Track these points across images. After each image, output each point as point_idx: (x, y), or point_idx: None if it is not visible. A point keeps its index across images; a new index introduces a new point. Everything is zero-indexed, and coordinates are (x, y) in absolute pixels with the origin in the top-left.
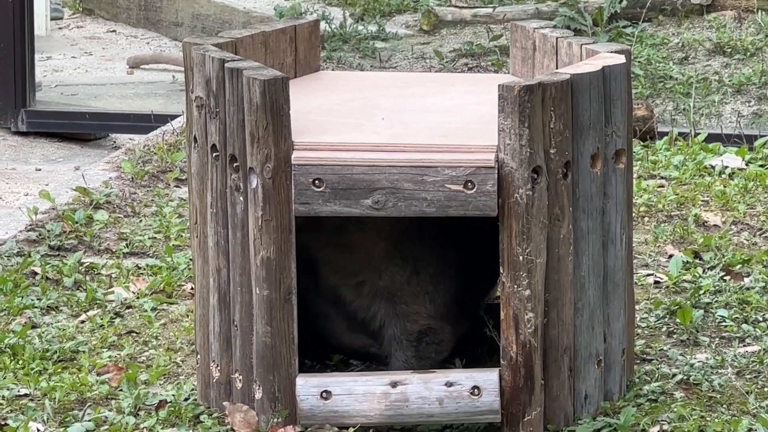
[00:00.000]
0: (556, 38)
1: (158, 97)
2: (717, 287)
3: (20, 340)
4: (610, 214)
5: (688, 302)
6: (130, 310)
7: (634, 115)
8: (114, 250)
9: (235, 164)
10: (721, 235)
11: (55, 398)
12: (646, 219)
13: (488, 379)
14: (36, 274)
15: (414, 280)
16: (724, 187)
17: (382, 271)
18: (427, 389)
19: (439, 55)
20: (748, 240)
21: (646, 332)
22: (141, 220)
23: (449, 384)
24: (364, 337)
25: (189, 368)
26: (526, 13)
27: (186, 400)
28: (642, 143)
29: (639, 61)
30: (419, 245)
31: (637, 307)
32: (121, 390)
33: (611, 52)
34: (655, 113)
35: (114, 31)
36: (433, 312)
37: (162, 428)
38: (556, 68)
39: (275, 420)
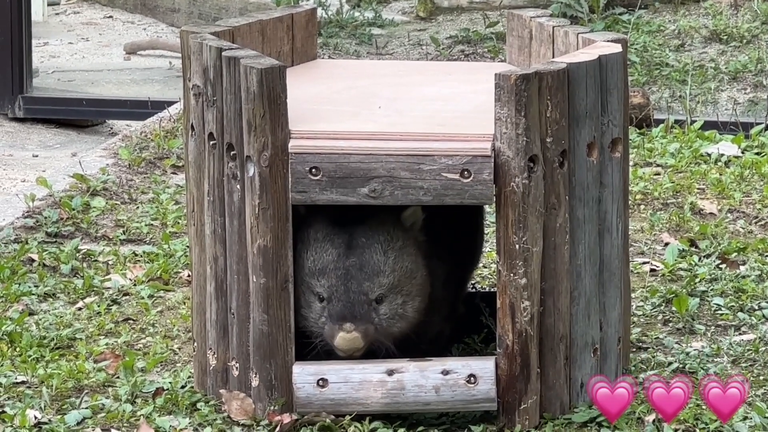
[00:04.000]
0: (553, 27)
1: (155, 83)
2: (713, 275)
3: (17, 327)
4: (606, 203)
5: (684, 290)
6: (127, 297)
7: (631, 102)
8: (111, 237)
9: (232, 153)
10: (717, 223)
11: (52, 385)
12: (642, 207)
13: (484, 367)
14: (33, 261)
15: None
16: (720, 174)
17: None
18: (424, 377)
19: (435, 41)
20: (743, 228)
21: (642, 320)
22: (138, 207)
23: (445, 372)
24: None
25: (186, 356)
26: None
27: (183, 387)
28: (638, 131)
29: (635, 48)
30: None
31: (633, 295)
32: (118, 377)
33: (608, 41)
34: (651, 101)
35: (111, 16)
36: (446, 315)
37: (159, 416)
38: (553, 57)
39: (272, 408)
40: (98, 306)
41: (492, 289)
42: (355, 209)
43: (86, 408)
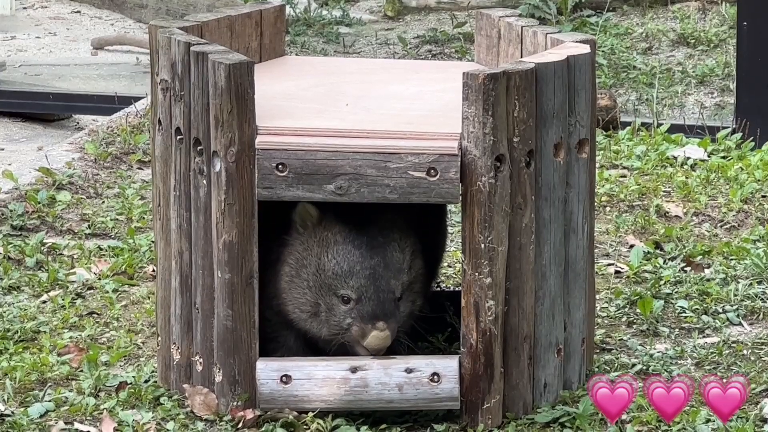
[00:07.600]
0: (521, 27)
1: (122, 78)
2: (677, 278)
3: None
4: (573, 204)
5: (649, 292)
6: (92, 291)
7: (598, 104)
8: (76, 231)
9: (198, 148)
10: (683, 226)
11: (15, 378)
12: (608, 209)
13: (448, 366)
14: None
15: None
16: (686, 178)
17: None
18: (387, 375)
19: (402, 41)
20: (709, 231)
21: (606, 322)
22: (103, 202)
23: (409, 370)
24: None
25: (150, 350)
26: (491, 0)
27: (146, 382)
28: (605, 133)
29: (603, 51)
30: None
31: (597, 296)
32: (81, 371)
33: (576, 41)
34: (618, 103)
35: (78, 11)
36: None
37: (122, 410)
38: (521, 57)
39: (235, 403)
40: (63, 299)
41: (457, 288)
42: (351, 208)
43: (49, 401)
